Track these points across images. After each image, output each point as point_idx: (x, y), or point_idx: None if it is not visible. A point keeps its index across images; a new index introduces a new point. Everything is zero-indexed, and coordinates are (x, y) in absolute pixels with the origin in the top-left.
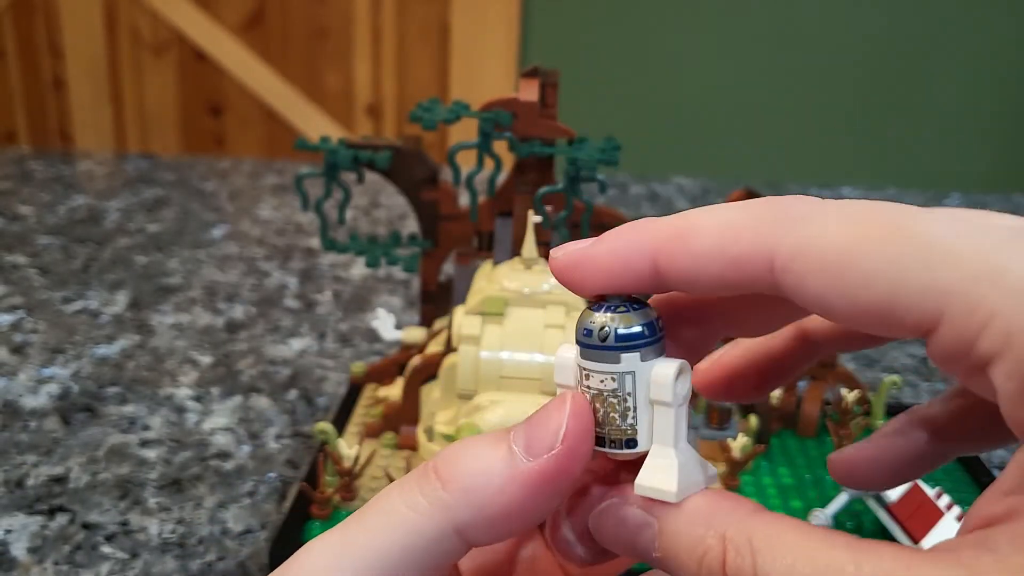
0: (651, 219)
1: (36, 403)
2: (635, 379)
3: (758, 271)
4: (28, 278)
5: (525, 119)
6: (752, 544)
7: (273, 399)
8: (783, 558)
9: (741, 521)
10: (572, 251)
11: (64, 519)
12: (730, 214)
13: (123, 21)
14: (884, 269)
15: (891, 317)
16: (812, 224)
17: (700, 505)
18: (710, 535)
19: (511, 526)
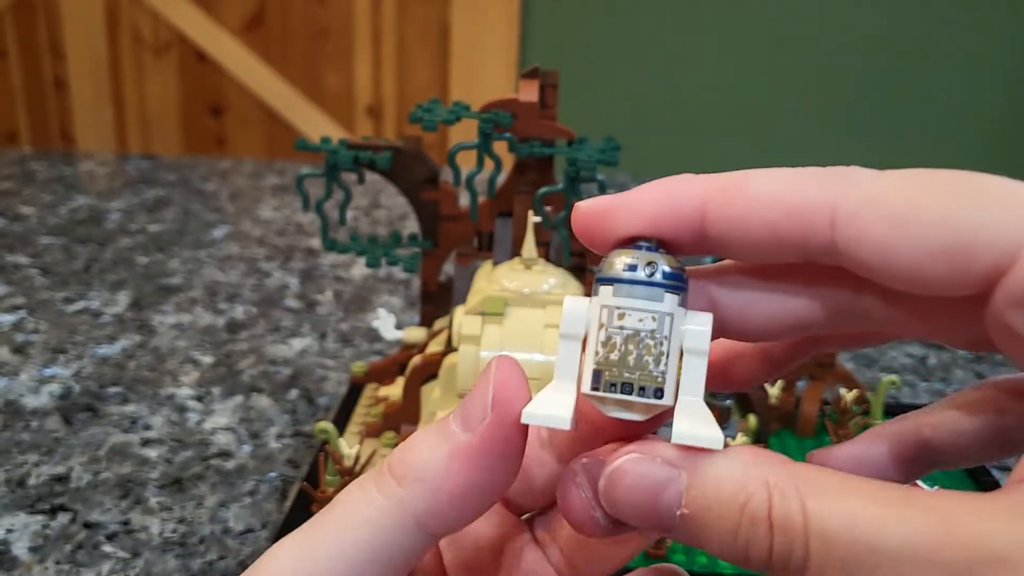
0: (701, 175)
1: (38, 403)
2: (672, 323)
3: (817, 223)
4: (30, 278)
5: (525, 120)
6: (800, 488)
7: (274, 399)
8: (836, 499)
9: (785, 468)
10: (602, 199)
11: (65, 518)
12: (790, 169)
13: (124, 21)
14: (960, 211)
15: (963, 258)
16: (878, 182)
17: (738, 453)
18: (752, 482)
19: (466, 506)
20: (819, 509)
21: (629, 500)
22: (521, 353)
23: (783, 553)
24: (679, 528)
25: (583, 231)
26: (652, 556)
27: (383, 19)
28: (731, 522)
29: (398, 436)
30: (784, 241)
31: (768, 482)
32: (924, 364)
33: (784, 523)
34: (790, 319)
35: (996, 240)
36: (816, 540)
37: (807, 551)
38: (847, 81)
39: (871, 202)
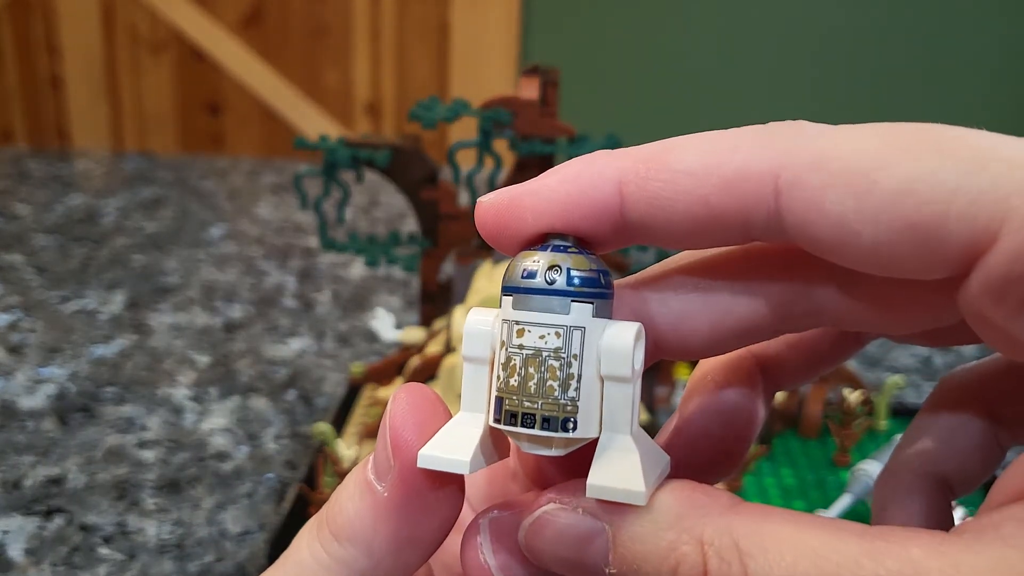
0: (619, 149)
1: (33, 403)
2: (584, 338)
3: (757, 193)
4: (25, 278)
5: (525, 117)
6: (739, 546)
7: (271, 399)
8: (781, 559)
9: (720, 518)
10: (506, 191)
11: (61, 520)
12: (724, 133)
13: (121, 19)
14: (929, 174)
15: (933, 235)
16: (831, 137)
17: (667, 503)
18: (684, 540)
19: (404, 558)
20: (762, 571)
21: (554, 554)
22: None
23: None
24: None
25: (486, 230)
26: None
27: (382, 16)
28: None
29: None
30: (720, 219)
31: (703, 539)
32: (929, 364)
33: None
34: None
35: (972, 212)
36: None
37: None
38: (849, 80)
39: (820, 165)
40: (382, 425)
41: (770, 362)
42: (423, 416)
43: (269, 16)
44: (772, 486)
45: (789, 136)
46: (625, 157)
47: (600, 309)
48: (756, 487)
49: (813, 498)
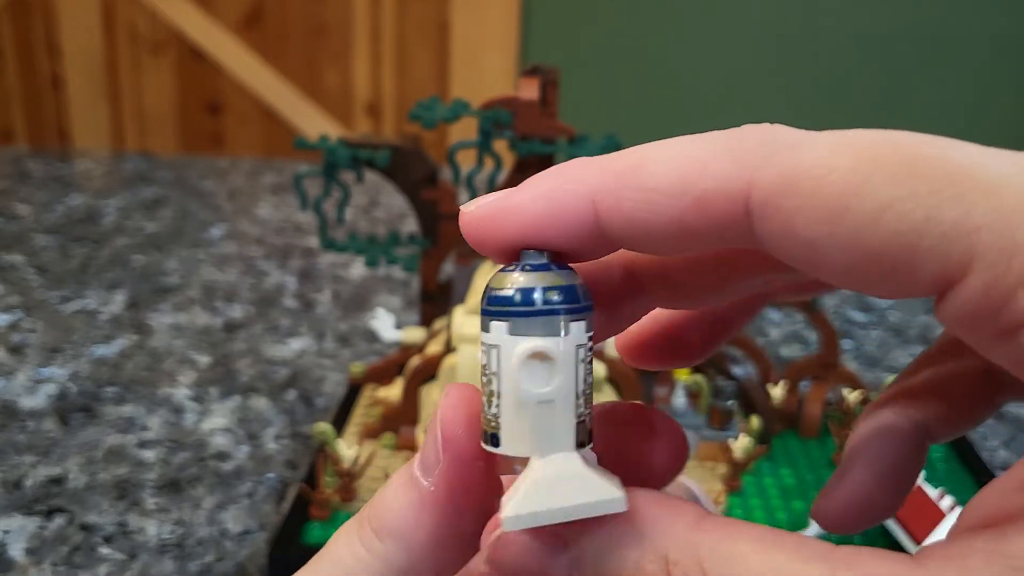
0: (593, 157)
1: (34, 403)
2: (499, 356)
3: (729, 212)
4: (26, 278)
5: (525, 117)
6: (703, 566)
7: (272, 399)
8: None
9: (685, 536)
10: (489, 201)
11: (62, 520)
12: (697, 142)
13: (121, 19)
14: (900, 202)
15: (904, 266)
16: (804, 151)
17: (633, 515)
18: (647, 559)
19: (444, 555)
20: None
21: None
22: None
23: None
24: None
25: (472, 241)
26: None
27: (382, 16)
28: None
29: (397, 437)
30: (696, 235)
31: (668, 558)
32: None
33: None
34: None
35: (943, 246)
36: None
37: None
38: (850, 80)
39: (793, 186)
40: (431, 423)
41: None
42: (472, 412)
43: (269, 16)
44: (771, 486)
45: (760, 149)
46: (599, 171)
47: (516, 328)
48: (756, 487)
49: (812, 498)
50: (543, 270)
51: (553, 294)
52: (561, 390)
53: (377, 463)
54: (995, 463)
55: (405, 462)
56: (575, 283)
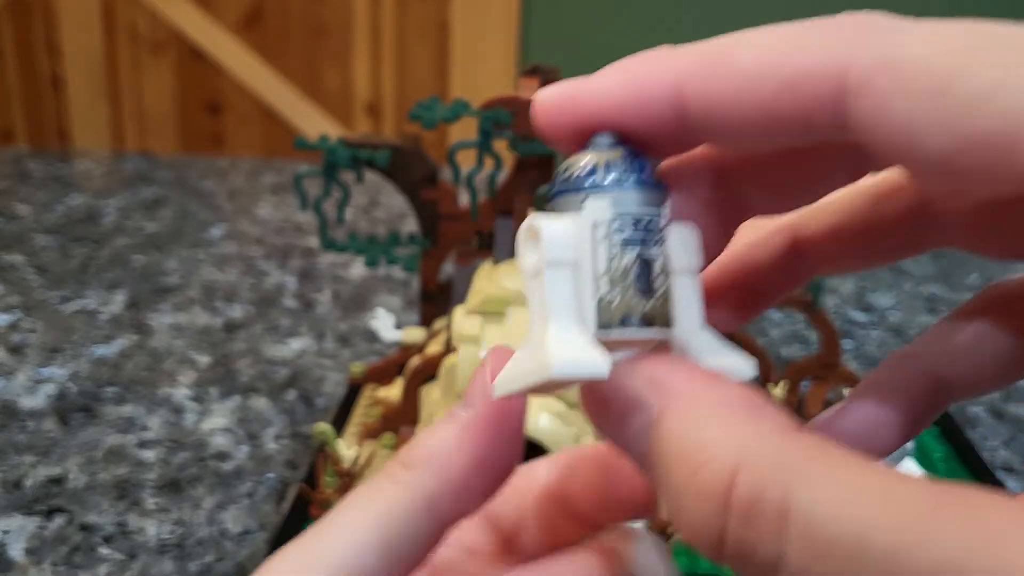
0: (677, 45)
1: (34, 403)
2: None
3: (822, 95)
4: (26, 278)
5: (525, 117)
6: (784, 467)
7: (272, 399)
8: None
9: (771, 434)
10: (564, 86)
11: (62, 520)
12: (790, 27)
13: (121, 19)
14: (1004, 84)
15: (1007, 152)
16: (904, 34)
17: (733, 400)
18: (720, 443)
19: (475, 484)
20: (811, 507)
21: (598, 415)
22: None
23: (742, 544)
24: (644, 464)
25: (544, 125)
26: None
27: (382, 16)
28: (678, 485)
29: (397, 438)
30: (782, 122)
31: (741, 450)
32: None
33: (748, 509)
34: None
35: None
36: (800, 544)
37: (782, 553)
38: None
39: (891, 66)
40: (480, 367)
41: (806, 244)
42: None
43: (269, 16)
44: None
45: (858, 31)
46: (685, 55)
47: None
48: None
49: None
50: (600, 148)
51: (583, 172)
52: (552, 266)
53: (377, 463)
54: (995, 463)
55: None
56: (617, 158)
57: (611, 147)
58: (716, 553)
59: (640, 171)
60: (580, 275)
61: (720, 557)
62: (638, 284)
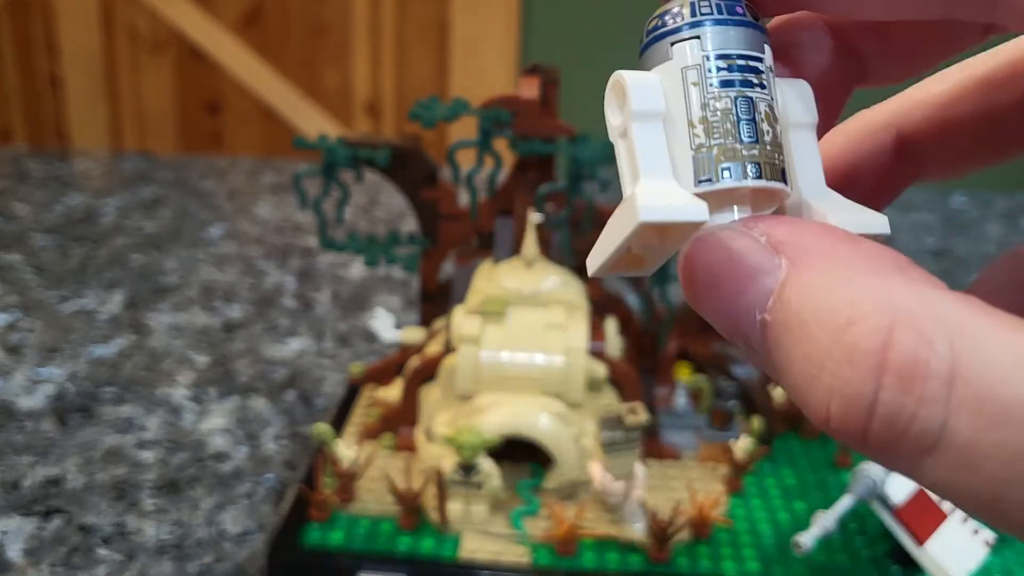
0: None
1: (32, 404)
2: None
3: None
4: (24, 277)
5: (525, 117)
6: (950, 324)
7: (271, 400)
8: (1011, 348)
9: (931, 292)
10: None
11: (60, 521)
12: None
13: (120, 19)
14: None
15: None
16: None
17: (865, 258)
18: (868, 298)
19: None
20: (983, 369)
21: (707, 285)
22: (521, 353)
23: (897, 414)
24: (756, 343)
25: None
26: (655, 561)
27: (382, 15)
28: (819, 349)
29: (396, 438)
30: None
31: (896, 307)
32: None
33: (908, 371)
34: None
35: None
36: (970, 410)
37: (947, 421)
38: None
39: None
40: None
41: (914, 141)
42: None
43: (269, 16)
44: (773, 486)
45: None
46: None
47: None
48: (757, 488)
49: (814, 499)
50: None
51: (668, 18)
52: (640, 120)
53: (376, 464)
54: None
55: (404, 463)
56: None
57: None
58: (861, 428)
59: (735, 9)
60: (673, 127)
61: (865, 435)
62: (740, 129)
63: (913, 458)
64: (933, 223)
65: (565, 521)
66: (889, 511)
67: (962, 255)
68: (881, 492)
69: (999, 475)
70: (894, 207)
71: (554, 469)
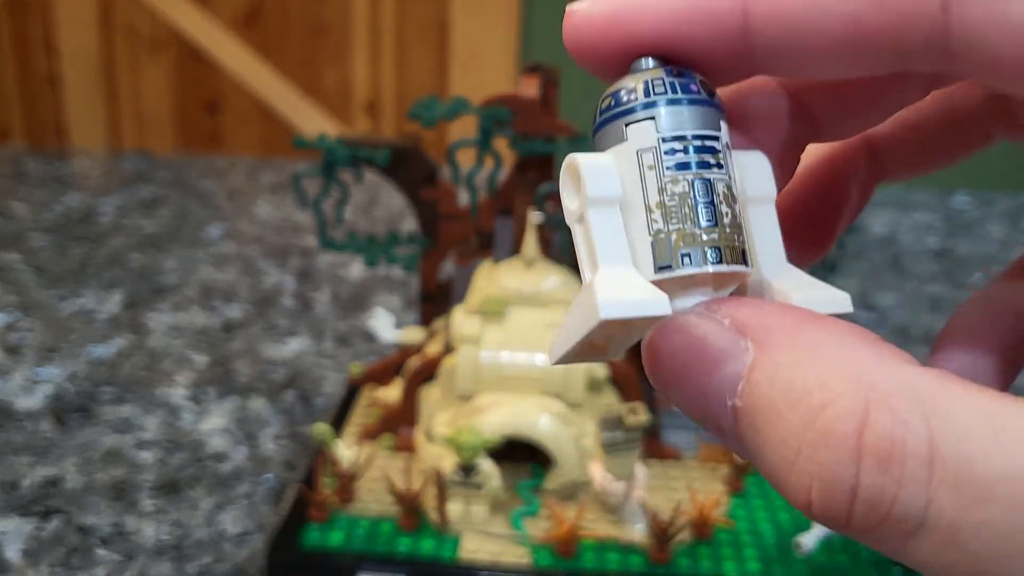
0: None
1: (30, 404)
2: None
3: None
4: (23, 277)
5: (526, 116)
6: (923, 400)
7: (270, 400)
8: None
9: (901, 369)
10: (605, 3)
11: (59, 521)
12: None
13: (119, 18)
14: None
15: None
16: None
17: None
18: (840, 378)
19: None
20: (960, 444)
21: (673, 372)
22: (521, 353)
23: (879, 497)
24: (728, 428)
25: (577, 45)
26: (655, 562)
27: (381, 15)
28: (794, 434)
29: (396, 439)
30: (870, 43)
31: (868, 387)
32: None
33: (885, 453)
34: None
35: None
36: (953, 488)
37: (930, 501)
38: None
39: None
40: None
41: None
42: None
43: (268, 15)
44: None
45: None
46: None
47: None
48: (758, 488)
49: None
50: (642, 71)
51: (623, 95)
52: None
53: (376, 464)
54: None
55: (404, 464)
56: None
57: (653, 68)
58: (844, 513)
59: (689, 87)
60: (630, 211)
61: (848, 519)
62: (699, 213)
63: (898, 539)
64: (935, 223)
65: (565, 522)
66: None
67: (964, 255)
68: None
69: (984, 554)
70: (895, 206)
71: (554, 470)
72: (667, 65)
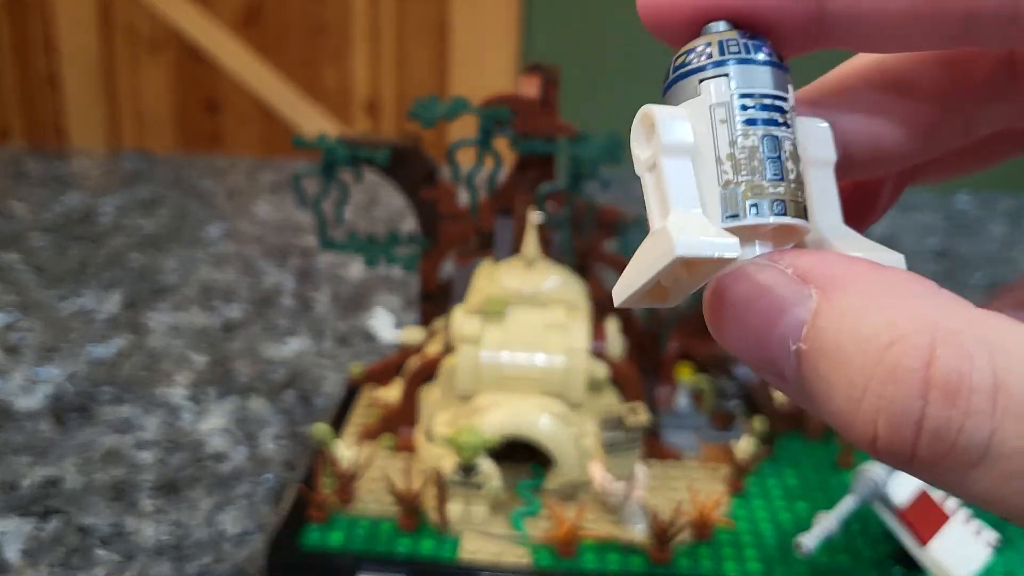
0: None
1: (30, 404)
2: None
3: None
4: (22, 277)
5: (526, 116)
6: (988, 340)
7: (270, 400)
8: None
9: (963, 311)
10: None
11: (58, 521)
12: None
13: (119, 18)
14: None
15: None
16: None
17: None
18: (907, 318)
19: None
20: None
21: (736, 319)
22: (521, 353)
23: (945, 427)
24: (791, 373)
25: (653, 10)
26: (656, 562)
27: (381, 14)
28: (861, 372)
29: (396, 439)
30: (942, 10)
31: (934, 325)
32: None
33: (952, 385)
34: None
35: None
36: (1016, 417)
37: (994, 431)
38: None
39: None
40: None
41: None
42: None
43: (268, 15)
44: (775, 487)
45: None
46: None
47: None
48: (759, 488)
49: (817, 500)
50: (713, 33)
51: (694, 56)
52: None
53: (376, 464)
54: None
55: (404, 464)
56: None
57: (726, 30)
58: (910, 445)
59: (761, 48)
60: (701, 163)
61: (914, 451)
62: (766, 167)
63: (961, 471)
64: (936, 223)
65: (565, 522)
66: (892, 512)
67: (965, 255)
68: (884, 493)
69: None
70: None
71: (554, 470)
72: (736, 28)
